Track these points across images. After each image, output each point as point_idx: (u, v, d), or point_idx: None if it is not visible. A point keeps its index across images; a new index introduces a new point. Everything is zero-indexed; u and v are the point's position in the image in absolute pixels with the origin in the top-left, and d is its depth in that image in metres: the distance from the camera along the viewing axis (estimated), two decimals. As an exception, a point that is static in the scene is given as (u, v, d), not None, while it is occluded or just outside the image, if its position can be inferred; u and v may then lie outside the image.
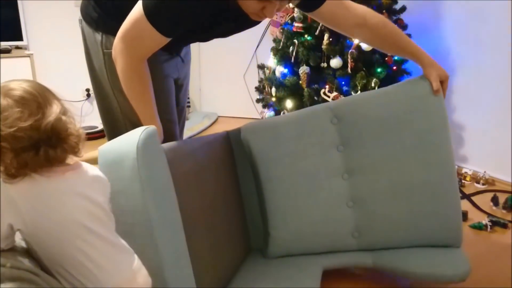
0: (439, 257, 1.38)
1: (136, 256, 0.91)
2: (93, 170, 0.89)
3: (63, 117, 0.80)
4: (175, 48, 1.36)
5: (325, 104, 1.48)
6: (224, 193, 1.44)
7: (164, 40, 1.10)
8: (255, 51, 3.61)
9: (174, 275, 1.02)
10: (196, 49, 3.76)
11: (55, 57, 3.33)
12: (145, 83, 1.17)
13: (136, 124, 1.18)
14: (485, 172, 2.38)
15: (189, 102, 3.69)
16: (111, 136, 1.28)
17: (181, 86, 1.46)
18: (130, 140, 0.99)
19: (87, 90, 3.50)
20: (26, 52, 3.04)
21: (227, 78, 3.87)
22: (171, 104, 1.37)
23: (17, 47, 3.07)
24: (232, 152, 1.54)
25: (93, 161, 1.07)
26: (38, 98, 0.77)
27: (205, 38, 1.34)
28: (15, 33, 3.07)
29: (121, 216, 1.00)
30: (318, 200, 1.46)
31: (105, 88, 1.31)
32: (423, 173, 1.39)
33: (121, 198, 0.99)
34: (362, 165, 1.43)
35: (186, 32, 1.13)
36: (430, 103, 1.37)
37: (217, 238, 1.33)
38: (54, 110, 0.78)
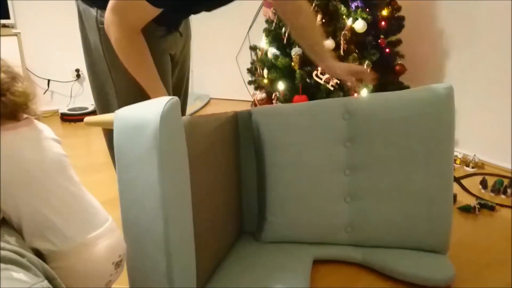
0: (427, 261, 1.42)
1: (108, 222, 0.92)
2: (47, 129, 0.91)
3: (3, 76, 0.84)
4: (172, 23, 1.32)
5: (339, 99, 1.50)
6: (227, 175, 1.44)
7: (155, 11, 1.07)
8: (248, 32, 3.56)
9: (178, 249, 1.04)
10: (188, 29, 3.70)
11: (44, 37, 3.26)
12: (143, 53, 1.15)
13: (130, 103, 1.16)
14: (475, 155, 2.39)
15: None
16: None
17: (177, 62, 1.43)
18: (153, 109, 0.98)
19: (77, 70, 3.45)
20: (13, 30, 2.97)
21: (220, 60, 3.82)
22: (167, 80, 1.35)
23: (4, 26, 3.00)
24: (239, 135, 1.53)
25: (107, 125, 1.06)
26: None
27: (196, 10, 1.30)
28: (2, 11, 2.99)
29: (132, 184, 1.00)
30: (318, 192, 1.47)
31: (99, 65, 1.28)
32: (422, 180, 1.41)
33: (135, 167, 0.99)
34: (366, 163, 1.45)
35: (177, 2, 1.10)
36: (440, 112, 1.39)
37: (216, 217, 1.34)
38: None
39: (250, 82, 2.81)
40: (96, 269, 0.87)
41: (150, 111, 0.99)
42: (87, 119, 1.26)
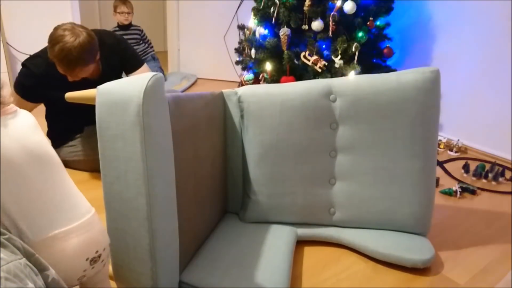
0: (407, 242, 1.44)
1: (88, 215, 0.90)
2: (29, 116, 0.90)
3: None
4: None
5: (326, 80, 1.47)
6: (212, 153, 1.43)
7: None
8: (237, 11, 3.50)
9: (162, 226, 1.03)
10: (175, 7, 3.62)
11: (26, 10, 3.15)
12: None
13: None
14: (458, 140, 2.42)
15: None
16: None
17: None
18: (136, 85, 0.96)
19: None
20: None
21: (207, 39, 3.76)
22: None
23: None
24: (225, 114, 1.51)
25: (90, 100, 1.04)
26: None
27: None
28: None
29: (115, 161, 0.99)
30: (303, 173, 1.47)
31: None
32: (406, 163, 1.42)
33: (118, 142, 0.98)
34: (351, 145, 1.45)
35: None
36: (426, 95, 1.39)
37: (200, 195, 1.34)
38: None
39: (237, 62, 2.78)
40: (65, 263, 0.85)
41: (133, 87, 0.97)
42: (68, 94, 1.23)
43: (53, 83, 1.71)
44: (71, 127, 1.96)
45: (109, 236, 1.05)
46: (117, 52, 1.90)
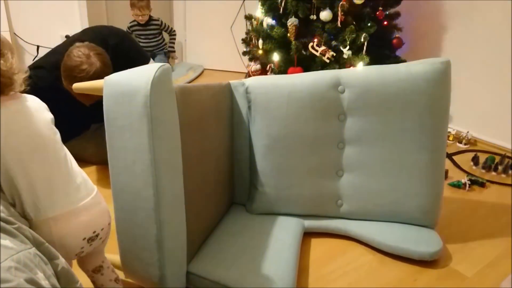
0: (415, 234, 1.43)
1: (89, 197, 0.94)
2: (34, 99, 0.93)
3: None
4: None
5: (335, 71, 1.46)
6: (220, 145, 1.43)
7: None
8: (244, 1, 3.47)
9: (169, 216, 1.03)
10: (182, -3, 3.60)
11: (32, 1, 3.15)
12: None
13: None
14: (468, 132, 2.39)
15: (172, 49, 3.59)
16: None
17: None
18: (143, 75, 0.96)
19: (67, 36, 3.35)
20: (0, -7, 2.87)
21: (214, 30, 3.74)
22: None
23: (-10, -12, 2.89)
24: (232, 105, 1.50)
25: (97, 91, 1.04)
26: None
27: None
28: (-12, -27, 2.88)
29: (122, 151, 1.00)
30: (310, 164, 1.46)
31: None
32: (415, 155, 1.41)
33: (126, 133, 0.98)
34: (359, 137, 1.44)
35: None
36: (437, 87, 1.37)
37: (208, 187, 1.34)
38: None
39: (244, 53, 2.76)
40: (64, 242, 0.89)
41: (140, 78, 0.96)
42: (76, 85, 1.23)
43: (58, 96, 1.58)
44: (77, 126, 1.95)
45: (116, 227, 1.06)
46: (121, 54, 1.86)
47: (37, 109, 0.90)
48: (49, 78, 1.68)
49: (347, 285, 1.29)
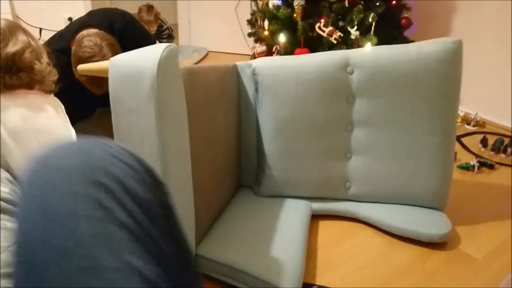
0: (424, 216, 1.42)
1: None
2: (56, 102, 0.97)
3: (28, 53, 0.89)
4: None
5: (343, 51, 1.43)
6: (228, 127, 1.41)
7: None
8: (248, -19, 3.41)
9: (177, 200, 1.02)
10: (185, -22, 3.54)
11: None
12: None
13: None
14: (476, 114, 2.36)
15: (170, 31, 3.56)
16: None
17: None
18: (150, 56, 0.94)
19: (70, 19, 3.32)
20: (2, -26, 2.83)
21: (218, 11, 3.69)
22: None
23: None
24: (239, 87, 1.48)
25: (102, 72, 1.04)
26: (5, 31, 0.89)
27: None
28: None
29: (129, 134, 0.98)
30: (318, 147, 1.44)
31: None
32: (424, 138, 1.38)
33: (132, 116, 0.96)
34: (368, 119, 1.41)
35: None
36: (448, 67, 1.33)
37: (215, 170, 1.33)
38: (18, 45, 0.89)
39: (250, 34, 2.72)
40: None
41: (146, 59, 0.94)
42: (81, 66, 1.21)
43: (66, 82, 1.62)
44: (83, 110, 1.92)
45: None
46: (128, 37, 1.82)
47: (58, 111, 0.93)
48: (57, 64, 1.66)
49: (355, 267, 1.28)
